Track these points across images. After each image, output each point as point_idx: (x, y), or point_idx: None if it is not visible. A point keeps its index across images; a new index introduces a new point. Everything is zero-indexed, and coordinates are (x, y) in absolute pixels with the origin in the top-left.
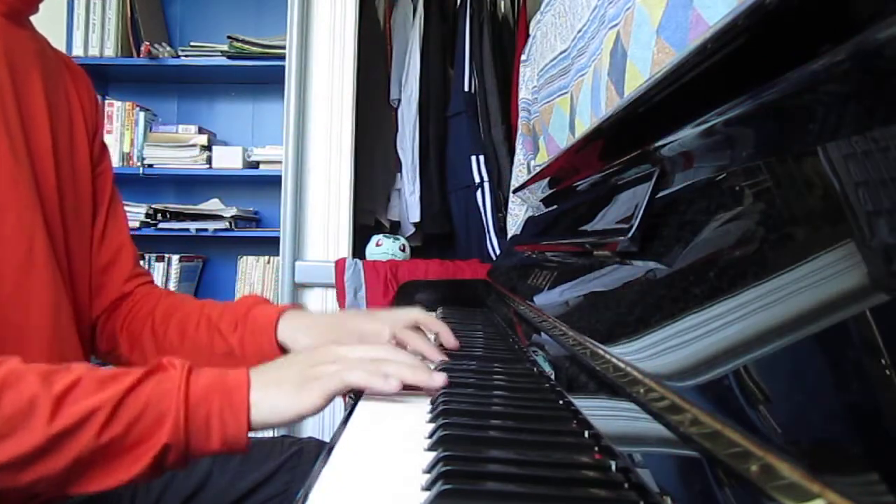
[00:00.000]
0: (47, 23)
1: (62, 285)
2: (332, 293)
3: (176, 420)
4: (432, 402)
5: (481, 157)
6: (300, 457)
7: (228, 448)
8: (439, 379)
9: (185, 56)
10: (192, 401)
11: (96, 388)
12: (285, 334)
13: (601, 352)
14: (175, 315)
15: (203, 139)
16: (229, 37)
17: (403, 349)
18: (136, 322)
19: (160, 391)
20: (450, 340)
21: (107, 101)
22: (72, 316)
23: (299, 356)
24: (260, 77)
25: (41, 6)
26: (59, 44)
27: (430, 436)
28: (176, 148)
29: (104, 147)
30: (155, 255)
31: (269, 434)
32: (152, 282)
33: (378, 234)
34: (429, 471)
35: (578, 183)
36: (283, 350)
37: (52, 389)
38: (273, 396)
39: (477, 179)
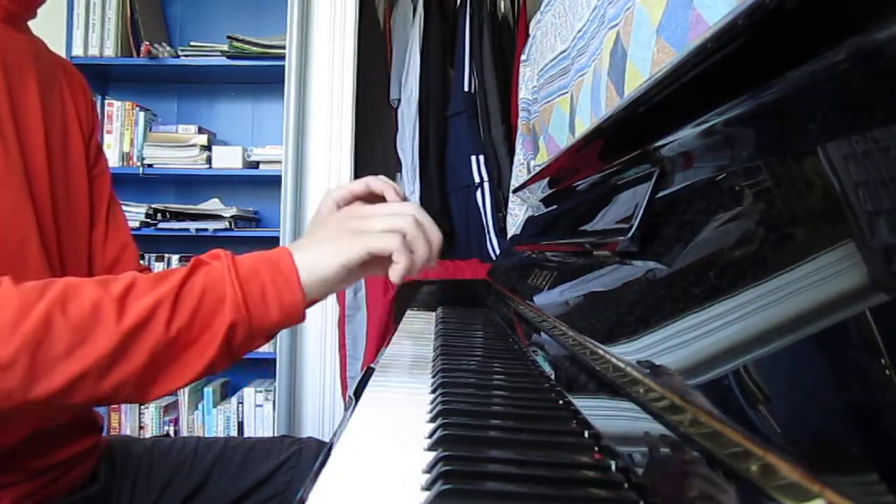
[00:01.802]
0: (47, 22)
1: None
2: None
3: (234, 298)
4: (432, 402)
5: (481, 157)
6: (300, 457)
7: (288, 316)
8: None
9: (185, 56)
10: (244, 278)
11: (152, 286)
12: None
13: (601, 352)
14: None
15: (203, 139)
16: (229, 37)
17: None
18: None
19: (212, 279)
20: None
21: (107, 101)
22: None
23: (327, 219)
24: (260, 77)
25: (40, 8)
26: (58, 43)
27: (430, 436)
28: (176, 148)
29: (100, 149)
30: (155, 255)
31: (269, 434)
32: None
33: None
34: (428, 471)
35: (578, 183)
36: None
37: (111, 292)
38: (315, 253)
39: (477, 179)
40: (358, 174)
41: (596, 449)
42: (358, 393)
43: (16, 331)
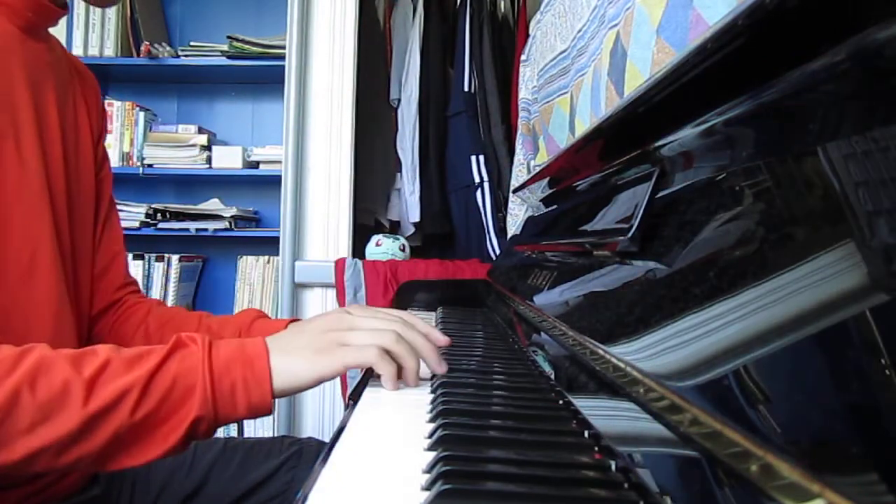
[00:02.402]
0: None
1: (66, 295)
2: (331, 293)
3: (203, 393)
4: (432, 402)
5: (481, 157)
6: (300, 457)
7: (255, 413)
8: (444, 366)
9: (185, 56)
10: (217, 373)
11: (125, 369)
12: None
13: (601, 352)
14: (170, 324)
15: (203, 139)
16: (229, 37)
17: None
18: (126, 328)
19: (186, 367)
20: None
21: (107, 101)
22: (73, 324)
23: (311, 323)
24: (260, 77)
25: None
26: None
27: (430, 436)
28: (176, 148)
29: (105, 153)
30: (155, 255)
31: (269, 434)
32: (139, 290)
33: (378, 233)
34: (428, 471)
35: (578, 183)
36: None
37: (83, 373)
38: (292, 363)
39: (477, 179)
40: (358, 174)
41: (596, 449)
42: (358, 393)
43: None
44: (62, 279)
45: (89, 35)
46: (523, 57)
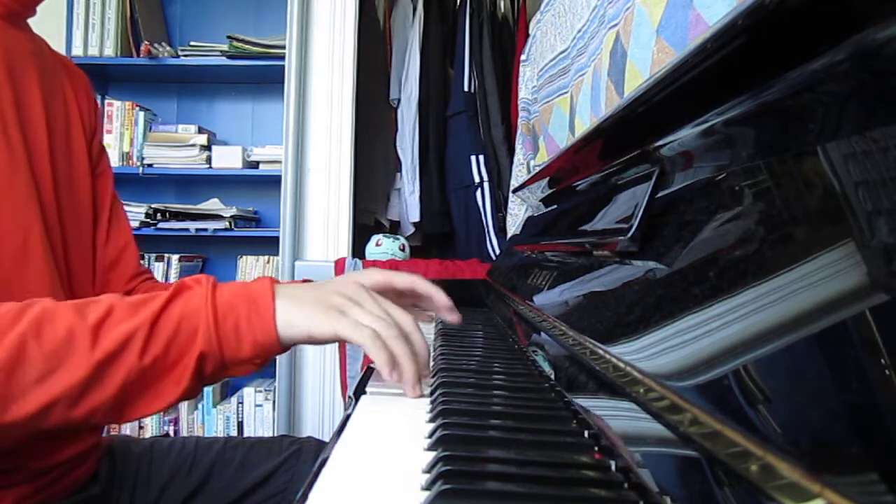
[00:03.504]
0: (47, 21)
1: (58, 279)
2: None
3: (206, 329)
4: (432, 402)
5: (481, 157)
6: (299, 456)
7: (263, 352)
8: (417, 390)
9: (185, 56)
10: (220, 311)
11: (129, 313)
12: None
13: (601, 351)
14: None
15: (203, 139)
16: (229, 36)
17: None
18: None
19: (190, 308)
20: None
21: (106, 101)
22: None
23: (325, 283)
24: (260, 77)
25: (40, 7)
26: (58, 43)
27: (430, 435)
28: (176, 148)
29: (102, 148)
30: (155, 254)
31: (268, 434)
32: (153, 278)
33: (378, 233)
34: (428, 470)
35: (578, 183)
36: None
37: (87, 320)
38: (291, 307)
39: (477, 179)
40: (358, 174)
41: (596, 449)
42: (358, 393)
43: None
44: (53, 267)
45: (89, 35)
46: (523, 57)
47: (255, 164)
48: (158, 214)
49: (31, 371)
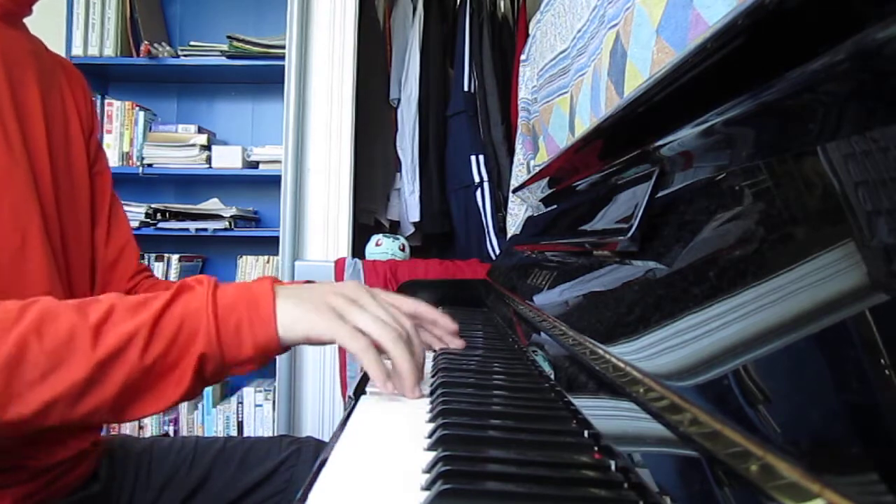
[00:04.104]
0: (46, 21)
1: (57, 276)
2: None
3: (207, 331)
4: (432, 402)
5: (481, 157)
6: (299, 456)
7: (263, 352)
8: (416, 392)
9: (185, 56)
10: (221, 312)
11: (130, 313)
12: None
13: (601, 351)
14: None
15: (203, 139)
16: (229, 36)
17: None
18: None
19: (191, 308)
20: (449, 327)
21: (106, 101)
22: None
23: (325, 284)
24: (260, 77)
25: (38, 7)
26: (58, 43)
27: (430, 435)
28: (175, 147)
29: (100, 147)
30: (154, 254)
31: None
32: (153, 275)
33: (378, 233)
34: (428, 470)
35: (578, 183)
36: None
37: (88, 319)
38: (292, 310)
39: (476, 179)
40: (358, 174)
41: (596, 449)
42: (357, 392)
43: None
44: (52, 263)
45: (89, 35)
46: (523, 57)
47: (255, 164)
48: (158, 214)
49: (32, 370)
